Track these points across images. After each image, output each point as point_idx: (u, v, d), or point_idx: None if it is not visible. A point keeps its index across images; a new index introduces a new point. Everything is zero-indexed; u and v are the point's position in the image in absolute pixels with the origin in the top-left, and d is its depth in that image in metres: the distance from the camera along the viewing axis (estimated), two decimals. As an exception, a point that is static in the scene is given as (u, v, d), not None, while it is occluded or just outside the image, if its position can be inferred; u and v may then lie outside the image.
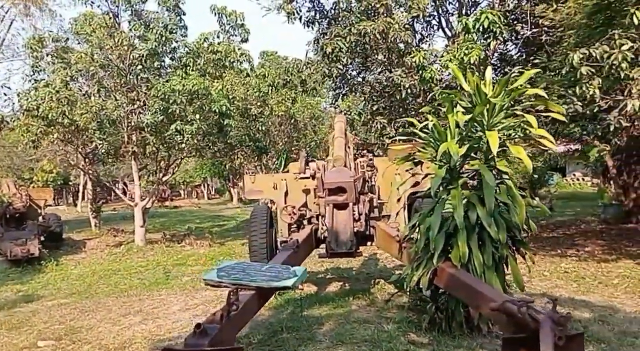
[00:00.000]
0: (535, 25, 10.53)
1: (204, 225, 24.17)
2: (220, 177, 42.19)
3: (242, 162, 22.31)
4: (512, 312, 3.69)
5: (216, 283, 5.01)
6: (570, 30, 9.30)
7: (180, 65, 14.77)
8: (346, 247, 6.41)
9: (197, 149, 16.39)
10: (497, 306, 3.86)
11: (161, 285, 10.37)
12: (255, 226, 7.37)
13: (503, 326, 4.00)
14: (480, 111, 5.22)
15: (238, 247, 16.15)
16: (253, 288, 4.85)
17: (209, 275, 5.08)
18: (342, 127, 8.43)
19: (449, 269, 5.12)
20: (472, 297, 4.61)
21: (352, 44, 10.87)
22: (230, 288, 5.03)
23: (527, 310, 3.52)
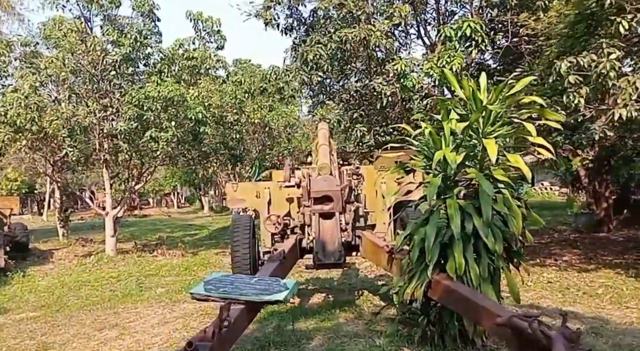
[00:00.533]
0: (515, 35, 10.60)
1: (175, 235, 23.66)
2: (191, 185, 41.58)
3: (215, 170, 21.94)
4: (521, 328, 3.56)
5: (204, 297, 4.77)
6: (552, 40, 9.37)
7: (154, 71, 14.42)
8: (334, 258, 6.23)
9: (170, 157, 16.02)
10: (504, 322, 3.72)
11: (135, 297, 9.99)
12: (238, 236, 7.13)
13: (509, 343, 3.87)
14: (477, 118, 5.14)
15: (212, 257, 15.81)
16: (243, 302, 4.63)
17: (196, 288, 4.83)
18: (326, 135, 8.28)
19: (444, 281, 4.98)
20: (471, 311, 4.47)
21: (333, 51, 10.75)
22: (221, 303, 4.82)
23: (539, 326, 3.39)
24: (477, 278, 5.00)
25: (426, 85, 11.06)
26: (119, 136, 13.64)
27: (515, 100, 5.13)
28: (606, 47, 6.97)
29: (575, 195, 26.22)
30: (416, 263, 5.29)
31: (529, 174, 4.81)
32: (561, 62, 7.34)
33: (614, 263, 10.77)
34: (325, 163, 7.16)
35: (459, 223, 4.87)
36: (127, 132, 13.51)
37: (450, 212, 4.97)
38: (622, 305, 7.12)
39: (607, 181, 17.08)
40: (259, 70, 21.59)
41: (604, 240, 14.87)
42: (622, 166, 18.36)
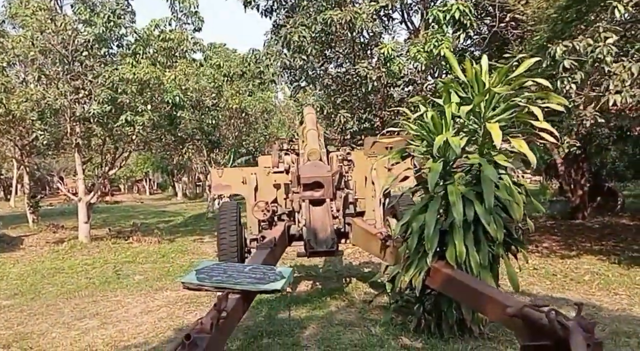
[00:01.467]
0: (501, 20, 10.50)
1: (149, 221, 23.23)
2: (164, 171, 40.89)
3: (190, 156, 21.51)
4: (534, 318, 3.45)
5: (196, 286, 4.55)
6: (542, 25, 9.29)
7: (128, 53, 13.92)
8: (327, 246, 6.05)
9: (145, 142, 15.58)
10: (515, 312, 3.61)
11: (113, 285, 9.71)
12: (225, 223, 6.89)
13: (519, 333, 3.76)
14: (480, 101, 4.99)
15: (189, 244, 15.53)
16: (238, 291, 4.42)
17: (188, 277, 4.60)
18: (314, 119, 8.07)
19: (444, 269, 4.86)
20: (475, 299, 4.34)
21: (317, 33, 10.49)
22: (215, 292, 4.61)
23: (557, 317, 3.28)
24: (477, 266, 4.89)
25: (411, 70, 10.90)
26: (92, 119, 13.15)
27: (520, 83, 4.99)
28: (603, 31, 6.89)
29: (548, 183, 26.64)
30: (414, 251, 5.16)
31: (534, 160, 4.69)
32: (556, 47, 7.24)
33: (594, 249, 10.89)
34: (314, 148, 6.96)
35: (461, 210, 4.75)
36: (101, 115, 13.04)
37: (451, 198, 4.84)
38: (611, 291, 7.15)
39: (582, 169, 17.30)
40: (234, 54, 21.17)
41: (580, 227, 15.08)
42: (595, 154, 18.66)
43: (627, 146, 18.03)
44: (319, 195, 6.57)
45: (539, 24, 9.45)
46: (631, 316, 5.88)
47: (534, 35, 9.47)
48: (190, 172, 36.20)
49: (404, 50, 10.17)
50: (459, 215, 4.73)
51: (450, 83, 5.28)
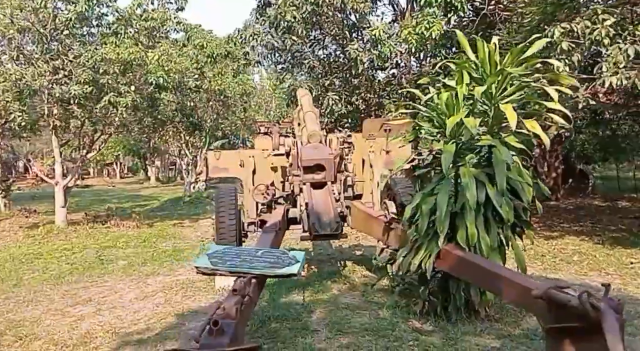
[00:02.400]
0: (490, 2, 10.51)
1: (124, 205, 22.79)
2: (135, 155, 40.14)
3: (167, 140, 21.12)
4: (562, 300, 3.47)
5: (210, 270, 4.48)
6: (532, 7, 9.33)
7: (110, 32, 13.49)
8: (331, 228, 5.99)
9: (124, 124, 15.21)
10: (541, 294, 3.62)
11: (98, 270, 9.50)
12: (224, 206, 6.77)
13: (541, 315, 3.77)
14: (493, 82, 4.98)
15: (170, 228, 15.31)
16: (253, 275, 4.36)
17: (201, 261, 4.52)
18: (310, 101, 7.98)
19: (455, 251, 4.87)
20: (492, 282, 4.34)
21: (308, 14, 10.33)
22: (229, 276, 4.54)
23: (589, 298, 3.30)
24: (487, 248, 4.91)
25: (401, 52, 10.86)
26: (72, 101, 12.73)
27: (532, 63, 4.99)
28: (601, 13, 6.94)
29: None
30: (424, 233, 5.15)
31: (548, 141, 4.72)
32: (554, 28, 7.27)
33: (574, 230, 11.14)
34: (315, 130, 6.88)
35: (474, 192, 4.75)
36: (82, 96, 12.63)
37: (464, 180, 4.83)
38: (602, 271, 7.31)
39: (556, 151, 17.64)
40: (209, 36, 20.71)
41: (556, 208, 15.41)
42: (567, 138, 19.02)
43: (598, 129, 18.43)
44: (320, 177, 6.52)
45: (529, 6, 9.49)
46: (628, 296, 6.01)
47: (524, 18, 9.53)
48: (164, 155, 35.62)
49: (394, 32, 10.09)
50: (472, 198, 4.73)
51: (463, 63, 5.24)
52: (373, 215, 6.40)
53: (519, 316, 5.32)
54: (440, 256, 5.00)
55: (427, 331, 4.87)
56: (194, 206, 21.22)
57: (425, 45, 9.82)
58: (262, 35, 11.88)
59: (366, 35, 10.11)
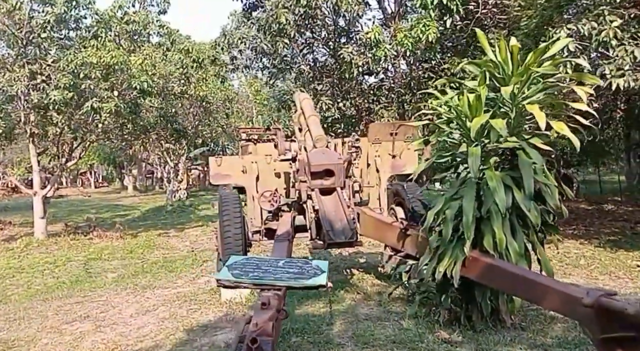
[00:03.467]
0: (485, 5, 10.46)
1: (104, 216, 22.20)
2: (111, 163, 39.24)
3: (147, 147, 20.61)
4: (616, 309, 3.30)
5: (233, 283, 4.19)
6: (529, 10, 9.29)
7: (89, 36, 13.05)
8: (345, 236, 5.76)
9: (105, 131, 14.73)
10: (592, 302, 3.44)
11: (87, 284, 9.12)
12: (228, 214, 6.47)
13: (589, 324, 3.60)
14: (517, 82, 4.82)
15: (155, 239, 14.86)
16: (279, 288, 4.10)
17: (222, 274, 4.23)
18: (312, 104, 7.75)
19: (483, 258, 4.69)
20: (529, 290, 4.15)
21: (300, 16, 10.12)
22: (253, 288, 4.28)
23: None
24: (515, 255, 4.74)
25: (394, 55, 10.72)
26: (52, 107, 12.24)
27: (557, 63, 4.86)
28: (608, 14, 6.89)
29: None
30: (444, 239, 4.95)
31: (578, 144, 4.57)
32: (560, 29, 7.19)
33: (569, 233, 11.10)
34: (321, 134, 6.65)
35: (503, 197, 4.56)
36: (62, 102, 12.16)
37: (491, 184, 4.64)
38: (612, 275, 7.22)
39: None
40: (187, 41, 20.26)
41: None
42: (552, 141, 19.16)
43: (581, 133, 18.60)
44: (329, 183, 6.30)
45: (526, 9, 9.45)
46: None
47: (521, 21, 9.48)
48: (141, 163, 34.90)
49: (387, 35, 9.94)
50: (502, 202, 4.55)
51: (484, 63, 5.07)
52: (386, 221, 6.19)
53: (545, 323, 5.15)
54: (465, 263, 4.81)
55: (457, 342, 4.66)
56: (178, 215, 20.76)
57: (420, 48, 9.69)
58: (250, 38, 11.60)
59: (361, 38, 9.92)
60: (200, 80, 16.16)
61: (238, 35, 12.24)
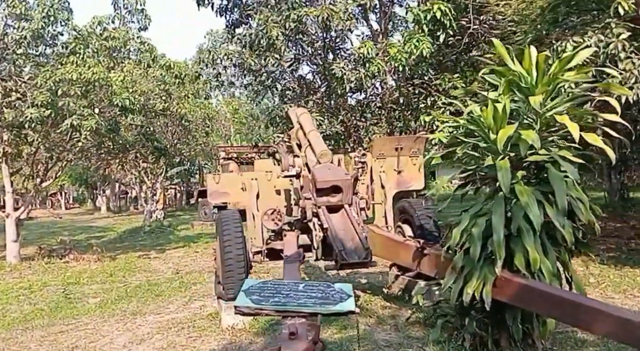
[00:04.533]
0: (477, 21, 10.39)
1: (78, 238, 21.33)
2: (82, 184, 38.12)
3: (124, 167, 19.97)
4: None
5: (254, 310, 3.80)
6: (524, 25, 9.22)
7: (65, 52, 12.54)
8: (359, 257, 5.43)
9: (82, 150, 14.14)
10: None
11: (69, 311, 8.55)
12: (230, 234, 6.06)
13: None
14: (543, 91, 4.60)
15: (136, 261, 14.25)
16: (305, 314, 3.74)
17: (239, 300, 3.83)
18: (311, 119, 7.45)
19: (517, 279, 4.40)
20: (575, 314, 3.88)
21: (291, 31, 9.86)
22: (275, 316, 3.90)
23: None
24: (549, 274, 4.45)
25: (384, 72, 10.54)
26: (28, 125, 11.67)
27: (585, 71, 4.66)
28: (615, 27, 6.79)
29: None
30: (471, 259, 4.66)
31: (613, 156, 4.35)
32: (565, 42, 7.07)
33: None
34: (325, 149, 6.34)
35: (537, 213, 4.30)
36: (38, 120, 11.60)
37: (523, 199, 4.36)
38: (627, 293, 7.01)
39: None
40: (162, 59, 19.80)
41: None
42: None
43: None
44: (336, 200, 5.97)
45: (521, 24, 9.38)
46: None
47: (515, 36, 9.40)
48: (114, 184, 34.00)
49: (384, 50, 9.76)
50: (535, 218, 4.27)
51: (507, 72, 4.84)
52: (398, 240, 5.89)
53: (576, 347, 4.89)
54: (495, 284, 4.51)
55: (490, 370, 4.33)
56: (156, 236, 20.09)
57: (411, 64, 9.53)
58: (236, 55, 11.28)
59: (352, 54, 9.71)
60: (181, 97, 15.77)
61: (223, 52, 11.90)
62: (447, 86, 10.45)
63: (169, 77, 13.44)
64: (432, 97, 10.85)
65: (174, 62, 13.59)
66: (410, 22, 9.49)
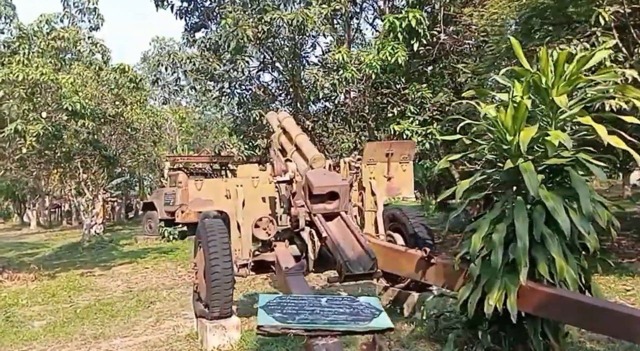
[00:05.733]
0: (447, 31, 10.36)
1: (7, 255, 19.69)
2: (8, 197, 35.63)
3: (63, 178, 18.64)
4: None
5: (280, 330, 3.32)
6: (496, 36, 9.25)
7: (8, 51, 11.55)
8: (364, 268, 5.04)
9: (22, 158, 13.02)
10: None
11: (13, 336, 7.64)
12: (216, 246, 5.52)
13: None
14: (564, 92, 4.42)
15: (79, 279, 13.15)
16: (338, 333, 3.33)
17: (264, 319, 3.35)
18: (295, 123, 7.05)
19: (544, 288, 4.16)
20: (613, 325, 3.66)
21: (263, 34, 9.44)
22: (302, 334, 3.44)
23: None
24: (573, 283, 4.24)
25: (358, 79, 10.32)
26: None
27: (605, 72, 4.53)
28: (600, 35, 6.83)
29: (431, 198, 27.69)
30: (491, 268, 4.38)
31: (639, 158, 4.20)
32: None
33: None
34: (318, 154, 5.96)
35: (566, 218, 4.08)
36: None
37: (550, 204, 4.13)
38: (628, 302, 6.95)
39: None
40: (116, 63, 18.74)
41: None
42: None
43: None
44: (333, 207, 5.59)
45: (493, 35, 9.41)
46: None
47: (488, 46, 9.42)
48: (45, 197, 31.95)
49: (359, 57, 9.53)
50: (564, 223, 4.06)
51: (526, 72, 4.64)
52: (399, 249, 5.55)
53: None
54: (518, 294, 4.25)
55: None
56: (97, 252, 18.81)
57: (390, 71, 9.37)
58: (198, 59, 10.73)
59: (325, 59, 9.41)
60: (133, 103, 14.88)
61: (185, 56, 11.29)
62: (416, 96, 10.33)
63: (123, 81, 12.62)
64: (399, 107, 10.70)
65: (128, 65, 12.81)
66: (386, 29, 9.29)
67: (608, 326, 3.75)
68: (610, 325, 3.71)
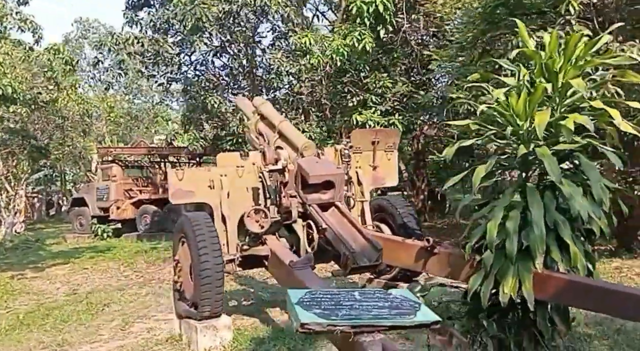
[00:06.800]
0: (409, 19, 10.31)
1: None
2: None
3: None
4: None
5: (325, 327, 3.05)
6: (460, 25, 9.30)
7: None
8: (369, 259, 4.83)
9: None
10: None
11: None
12: (205, 240, 5.11)
13: None
14: (575, 75, 4.38)
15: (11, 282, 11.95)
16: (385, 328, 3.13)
17: (304, 316, 3.07)
18: (273, 108, 6.72)
19: (559, 275, 4.14)
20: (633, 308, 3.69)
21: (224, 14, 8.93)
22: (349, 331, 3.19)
23: None
24: (583, 269, 4.25)
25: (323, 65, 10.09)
26: None
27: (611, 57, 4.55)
28: (575, 24, 6.94)
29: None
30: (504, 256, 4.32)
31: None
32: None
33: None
34: (309, 141, 5.69)
35: (583, 203, 4.06)
36: None
37: (567, 190, 4.08)
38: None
39: (423, 175, 18.34)
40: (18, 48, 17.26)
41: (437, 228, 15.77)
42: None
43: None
44: (328, 197, 5.36)
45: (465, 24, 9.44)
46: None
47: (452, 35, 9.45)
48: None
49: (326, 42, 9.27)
50: (583, 209, 4.04)
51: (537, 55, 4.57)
52: (396, 239, 5.39)
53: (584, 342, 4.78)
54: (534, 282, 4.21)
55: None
56: (23, 253, 17.37)
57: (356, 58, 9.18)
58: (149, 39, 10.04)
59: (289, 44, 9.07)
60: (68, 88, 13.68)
61: (129, 36, 10.50)
62: (377, 85, 10.23)
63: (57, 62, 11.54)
64: (359, 97, 10.56)
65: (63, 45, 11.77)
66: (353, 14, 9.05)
67: (623, 309, 3.79)
68: (626, 308, 3.74)
